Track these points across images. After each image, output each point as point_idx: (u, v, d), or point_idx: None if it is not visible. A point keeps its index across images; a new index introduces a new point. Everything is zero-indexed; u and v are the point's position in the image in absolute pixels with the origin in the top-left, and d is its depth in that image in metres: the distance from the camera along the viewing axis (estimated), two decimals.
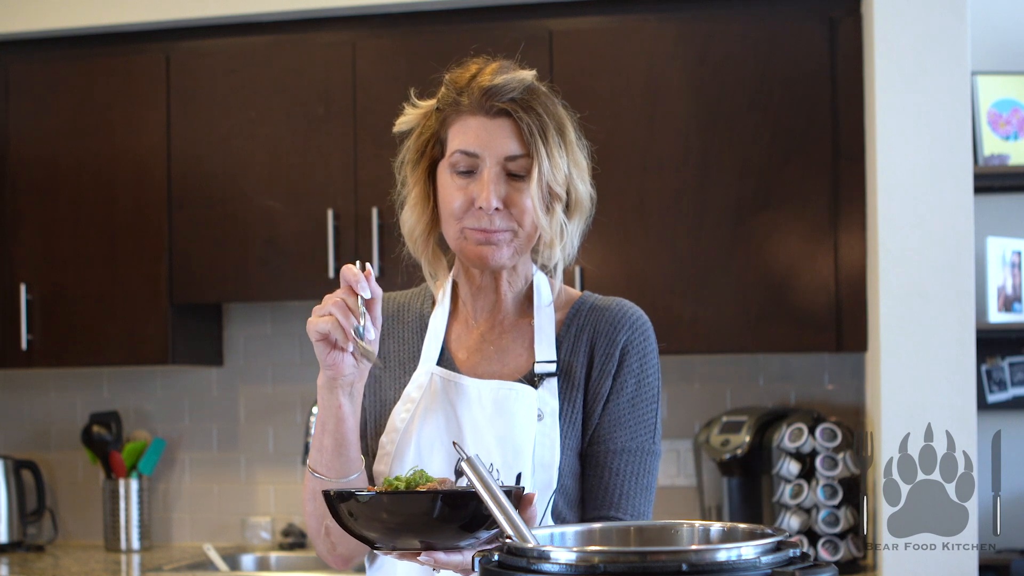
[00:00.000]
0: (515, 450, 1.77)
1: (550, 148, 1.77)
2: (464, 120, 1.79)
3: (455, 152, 1.79)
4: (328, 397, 1.70)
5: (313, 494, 1.76)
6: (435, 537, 1.48)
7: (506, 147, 1.77)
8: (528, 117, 1.77)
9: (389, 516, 1.47)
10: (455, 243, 1.82)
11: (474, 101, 1.78)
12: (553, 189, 1.79)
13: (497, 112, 1.78)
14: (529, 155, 1.77)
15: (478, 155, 1.78)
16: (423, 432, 1.81)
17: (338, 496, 1.50)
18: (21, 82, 3.95)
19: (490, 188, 1.76)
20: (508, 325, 1.89)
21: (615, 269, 3.56)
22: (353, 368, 1.68)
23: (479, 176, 1.78)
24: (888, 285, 3.12)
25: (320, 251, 3.68)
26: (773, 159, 3.49)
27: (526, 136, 1.77)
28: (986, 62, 3.56)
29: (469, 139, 1.78)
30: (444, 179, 1.81)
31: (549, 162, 1.77)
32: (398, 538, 1.50)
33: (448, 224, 1.82)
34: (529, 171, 1.77)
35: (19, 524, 4.11)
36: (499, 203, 1.77)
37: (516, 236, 1.79)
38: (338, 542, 1.81)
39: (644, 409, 1.85)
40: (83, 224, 3.88)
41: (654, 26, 3.57)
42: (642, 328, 1.87)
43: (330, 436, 1.72)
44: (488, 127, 1.78)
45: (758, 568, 1.22)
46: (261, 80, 3.79)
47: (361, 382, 1.72)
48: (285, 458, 4.13)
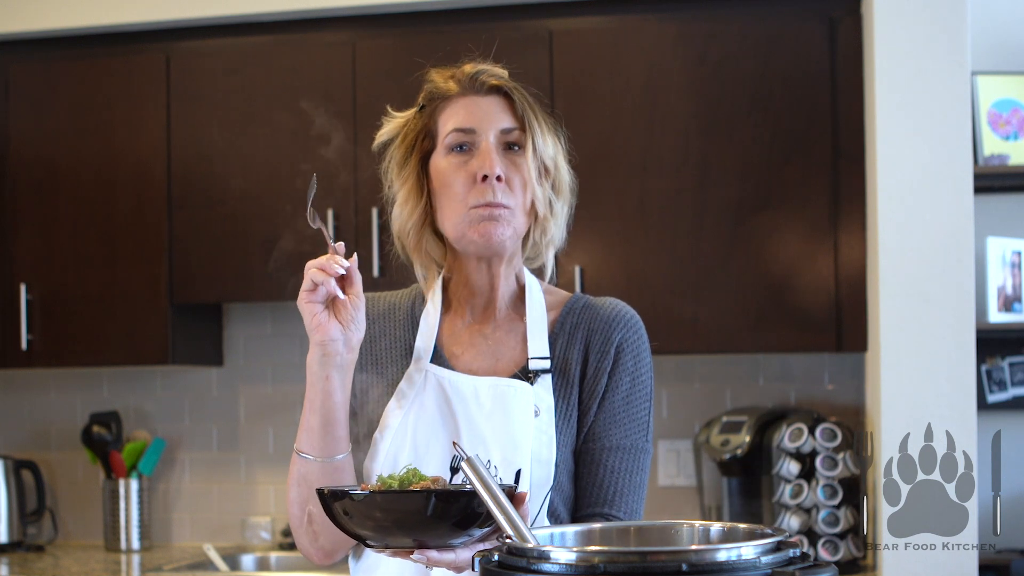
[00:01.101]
0: (513, 446, 1.77)
1: (540, 122, 1.85)
2: (455, 103, 1.85)
3: (450, 132, 1.83)
4: (318, 371, 1.72)
5: (299, 479, 1.77)
6: (428, 535, 1.49)
7: (500, 120, 1.83)
8: (517, 94, 1.85)
9: (383, 515, 1.48)
10: (458, 229, 1.83)
11: (463, 84, 1.85)
12: (544, 164, 1.85)
13: (488, 89, 1.84)
14: (523, 128, 1.83)
15: (474, 130, 1.82)
16: (418, 428, 1.81)
17: (332, 495, 1.51)
18: (21, 82, 3.95)
19: (492, 156, 1.80)
20: (501, 322, 1.89)
21: (615, 269, 3.56)
22: (339, 334, 1.69)
23: (478, 149, 1.82)
24: (888, 285, 3.12)
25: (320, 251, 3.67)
26: (773, 159, 3.49)
27: (519, 108, 1.83)
28: (986, 62, 3.56)
29: (463, 117, 1.83)
30: (441, 164, 1.84)
31: (541, 136, 1.84)
32: (392, 536, 1.50)
33: (450, 209, 1.83)
34: (523, 144, 1.83)
35: (19, 524, 4.11)
36: (501, 171, 1.80)
37: (515, 214, 1.82)
38: (320, 531, 1.79)
39: (638, 407, 1.86)
40: (83, 224, 3.88)
41: (654, 26, 3.57)
42: (636, 327, 1.89)
43: (317, 415, 1.73)
44: (480, 104, 1.84)
45: (758, 568, 1.22)
46: (261, 80, 3.79)
47: (352, 354, 1.73)
48: (285, 458, 4.09)
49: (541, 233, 1.88)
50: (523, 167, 1.82)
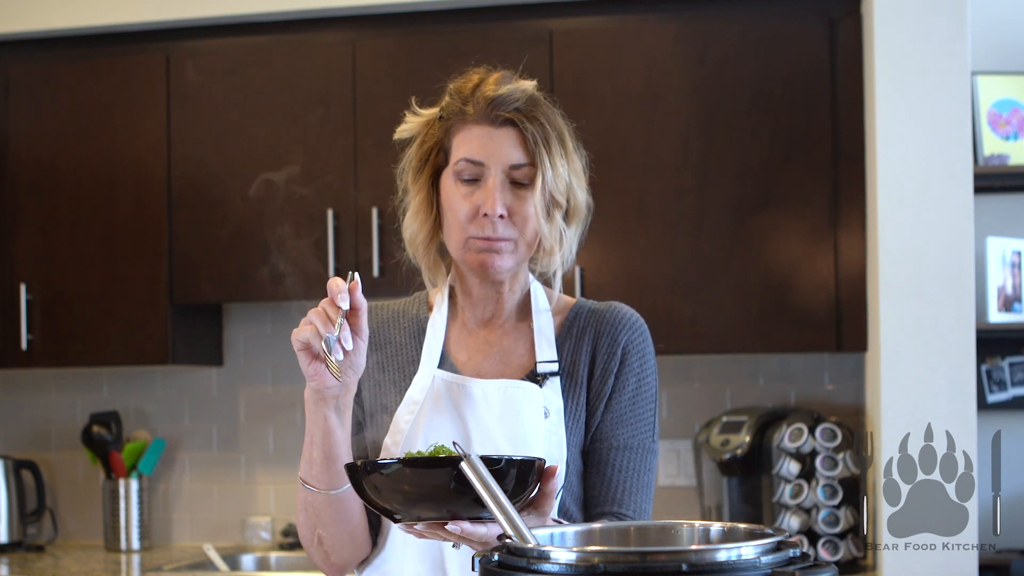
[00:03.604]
0: (525, 448, 1.78)
1: (553, 157, 1.81)
2: (469, 129, 1.82)
3: (460, 160, 1.81)
4: (314, 411, 1.70)
5: (305, 505, 1.78)
6: (459, 506, 1.48)
7: (511, 156, 1.80)
8: (532, 127, 1.81)
9: (412, 487, 1.48)
10: (458, 252, 1.84)
11: (479, 111, 1.81)
12: (555, 197, 1.83)
13: (502, 122, 1.81)
14: (533, 164, 1.80)
15: (483, 163, 1.80)
16: (429, 435, 1.81)
17: (362, 468, 1.50)
18: (21, 82, 3.95)
19: (495, 195, 1.78)
20: (508, 328, 1.90)
21: (615, 269, 3.56)
22: (336, 382, 1.66)
23: (484, 184, 1.80)
24: (888, 285, 3.12)
25: (320, 251, 3.68)
26: (773, 159, 3.49)
27: (530, 145, 1.80)
28: (986, 62, 3.56)
29: (474, 148, 1.81)
30: (448, 187, 1.83)
31: (552, 171, 1.81)
32: (422, 508, 1.49)
33: (452, 233, 1.83)
34: (532, 180, 1.80)
35: (19, 524, 4.11)
36: (504, 210, 1.79)
37: (517, 247, 1.82)
38: (331, 551, 1.82)
39: (644, 408, 1.88)
40: (83, 224, 3.88)
41: (654, 26, 3.57)
42: (641, 330, 1.91)
43: (318, 449, 1.72)
44: (493, 136, 1.81)
45: (758, 568, 1.22)
46: (261, 80, 3.79)
47: (348, 395, 1.71)
48: (285, 458, 4.13)
49: (548, 263, 1.88)
50: (530, 202, 1.80)
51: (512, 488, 1.49)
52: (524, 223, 1.81)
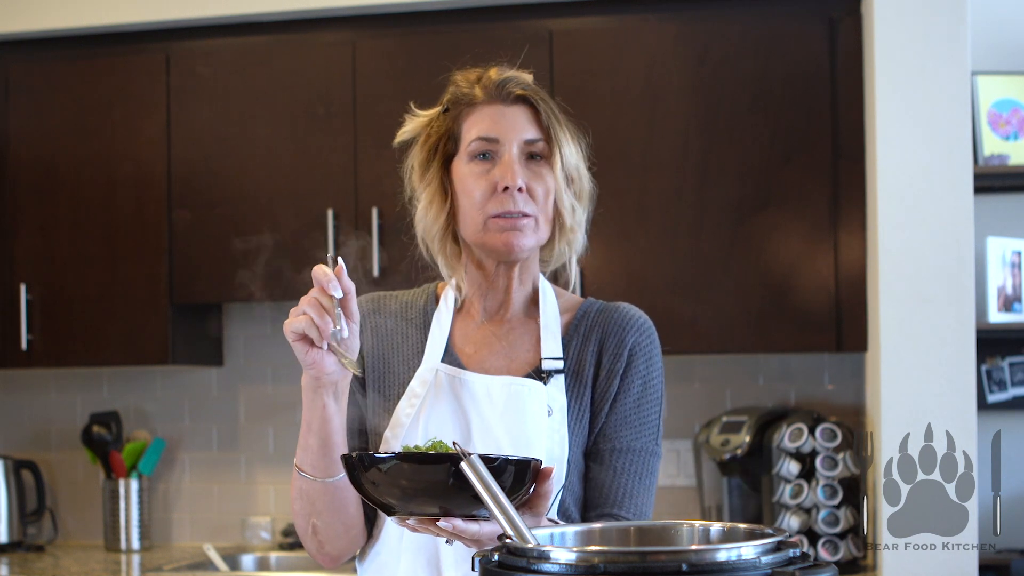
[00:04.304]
0: (526, 445, 1.78)
1: (565, 131, 1.84)
2: (480, 110, 1.84)
3: (473, 140, 1.82)
4: (312, 398, 1.70)
5: (300, 493, 1.78)
6: (454, 503, 1.48)
7: (525, 131, 1.82)
8: (543, 104, 1.84)
9: (409, 482, 1.47)
10: (477, 235, 1.83)
11: (489, 91, 1.84)
12: (569, 172, 1.84)
13: (513, 99, 1.83)
14: (547, 139, 1.82)
15: (498, 139, 1.82)
16: (429, 427, 1.81)
17: (359, 461, 1.50)
18: (21, 82, 3.95)
19: (515, 167, 1.80)
20: (515, 323, 1.90)
21: (615, 269, 3.56)
22: (335, 367, 1.66)
23: (500, 159, 1.81)
24: (888, 285, 3.12)
25: (320, 251, 3.68)
26: (773, 159, 3.49)
27: (544, 119, 1.83)
28: (986, 62, 3.56)
29: (487, 126, 1.82)
30: (463, 171, 1.83)
31: (568, 145, 1.84)
32: (417, 503, 1.49)
33: (470, 216, 1.82)
34: (547, 155, 1.82)
35: (19, 524, 4.11)
36: (523, 183, 1.80)
37: (538, 224, 1.82)
38: (325, 541, 1.81)
39: (648, 410, 1.87)
40: (83, 224, 3.88)
41: (654, 26, 3.57)
42: (649, 332, 1.90)
43: (315, 436, 1.72)
44: (505, 113, 1.83)
45: (758, 568, 1.22)
46: (261, 80, 3.79)
47: (346, 381, 1.71)
48: (285, 458, 4.12)
49: (567, 244, 1.88)
50: (547, 177, 1.81)
51: (508, 488, 1.48)
52: (544, 197, 1.81)
